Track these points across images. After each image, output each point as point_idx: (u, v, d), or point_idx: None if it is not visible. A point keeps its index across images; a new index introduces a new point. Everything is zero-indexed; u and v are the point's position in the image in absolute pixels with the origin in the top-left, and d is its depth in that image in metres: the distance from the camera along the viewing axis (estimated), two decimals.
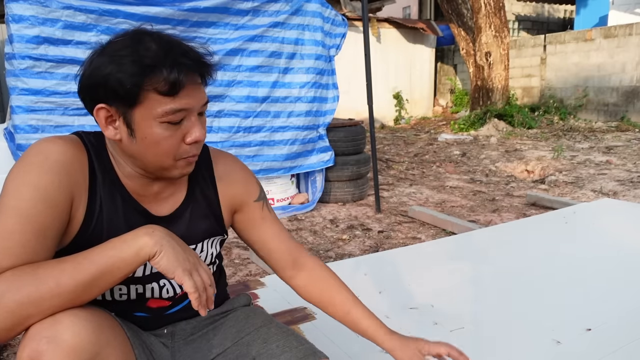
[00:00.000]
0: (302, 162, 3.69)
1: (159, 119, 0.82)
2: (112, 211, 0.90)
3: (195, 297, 0.77)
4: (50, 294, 0.72)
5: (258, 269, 2.55)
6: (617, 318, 1.69)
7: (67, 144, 0.86)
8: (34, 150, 0.84)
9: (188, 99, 0.83)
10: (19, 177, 0.80)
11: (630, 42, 8.47)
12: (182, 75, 0.80)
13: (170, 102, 0.81)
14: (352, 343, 1.50)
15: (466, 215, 3.55)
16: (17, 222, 0.76)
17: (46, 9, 2.67)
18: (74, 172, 0.85)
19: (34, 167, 0.81)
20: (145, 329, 1.00)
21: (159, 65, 0.79)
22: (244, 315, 1.10)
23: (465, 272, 2.14)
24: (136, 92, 0.80)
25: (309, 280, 1.11)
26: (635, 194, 4.03)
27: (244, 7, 3.30)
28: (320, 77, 3.71)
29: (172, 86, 0.80)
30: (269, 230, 1.10)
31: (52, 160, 0.82)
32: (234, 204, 1.07)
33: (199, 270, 0.80)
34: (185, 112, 0.84)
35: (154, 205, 0.96)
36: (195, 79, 0.84)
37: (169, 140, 0.84)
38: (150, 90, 0.80)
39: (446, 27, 10.24)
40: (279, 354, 0.97)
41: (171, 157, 0.86)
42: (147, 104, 0.81)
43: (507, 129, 8.17)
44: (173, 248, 0.79)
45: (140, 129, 0.83)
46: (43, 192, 0.79)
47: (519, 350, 1.50)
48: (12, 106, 2.72)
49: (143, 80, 0.79)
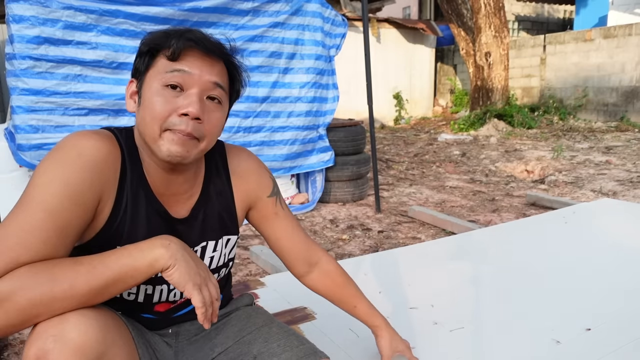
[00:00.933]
0: (302, 162, 3.69)
1: (160, 81, 0.85)
2: (135, 212, 0.90)
3: (202, 311, 0.79)
4: (63, 296, 0.72)
5: (258, 269, 2.55)
6: (616, 318, 1.69)
7: (102, 140, 0.86)
8: (69, 145, 0.83)
9: (191, 66, 0.86)
10: (49, 171, 0.79)
11: (630, 42, 8.47)
12: (185, 42, 0.85)
13: (172, 64, 0.86)
14: (352, 343, 1.51)
15: (466, 215, 3.55)
16: (42, 218, 0.76)
17: (46, 9, 2.67)
18: (106, 170, 0.85)
19: (66, 163, 0.80)
20: (150, 329, 1.00)
21: (172, 35, 0.86)
22: (245, 314, 1.11)
23: (465, 272, 2.15)
24: (150, 57, 0.88)
25: (319, 279, 1.19)
26: (635, 194, 4.03)
27: (244, 8, 3.30)
28: (320, 77, 3.71)
29: (174, 51, 0.85)
30: (282, 227, 1.12)
31: (85, 157, 0.82)
32: (249, 199, 1.08)
33: (208, 284, 0.82)
34: (184, 77, 0.85)
35: (173, 204, 0.96)
36: (203, 50, 0.86)
37: (162, 104, 0.84)
38: (161, 55, 0.87)
39: (446, 27, 10.25)
40: (279, 352, 0.98)
41: (159, 123, 0.84)
42: (156, 67, 0.87)
43: (507, 129, 8.17)
44: (186, 262, 0.80)
45: (145, 92, 0.87)
46: (72, 190, 0.79)
47: (519, 350, 1.50)
48: (12, 106, 2.72)
49: (158, 46, 0.87)
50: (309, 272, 1.18)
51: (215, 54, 0.88)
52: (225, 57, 0.91)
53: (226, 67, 0.92)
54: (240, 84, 0.97)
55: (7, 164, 2.83)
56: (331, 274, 1.20)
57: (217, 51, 0.88)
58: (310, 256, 1.17)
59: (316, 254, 1.18)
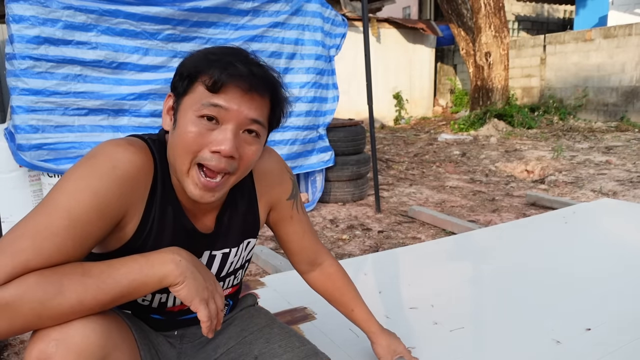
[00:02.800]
0: (303, 162, 3.69)
1: (196, 112, 0.81)
2: (162, 227, 0.89)
3: (206, 325, 0.79)
4: (71, 310, 0.72)
5: (258, 268, 2.55)
6: (617, 318, 1.69)
7: (138, 154, 0.83)
8: (104, 155, 0.81)
9: (229, 101, 0.81)
10: (80, 179, 0.77)
11: (630, 42, 8.47)
12: (227, 75, 0.80)
13: (210, 97, 0.81)
14: (352, 343, 1.51)
15: (466, 215, 3.55)
16: (63, 225, 0.74)
17: (46, 9, 2.67)
18: (138, 185, 0.83)
19: (99, 174, 0.78)
20: (157, 330, 1.00)
21: (217, 62, 0.81)
22: (248, 315, 1.11)
23: (465, 272, 2.15)
24: (189, 82, 0.82)
25: (320, 279, 1.22)
26: (635, 194, 4.03)
27: (244, 7, 3.30)
28: (320, 77, 3.71)
29: (215, 82, 0.80)
30: (294, 230, 1.13)
31: (120, 170, 0.80)
32: (271, 201, 1.07)
33: (215, 297, 0.82)
34: (221, 112, 0.80)
35: (200, 217, 0.94)
36: (245, 85, 0.81)
37: (194, 136, 0.80)
38: (200, 83, 0.81)
39: (446, 27, 10.25)
40: (281, 353, 0.98)
41: (190, 157, 0.81)
42: (193, 95, 0.82)
43: (506, 129, 8.17)
44: (195, 279, 0.80)
45: (181, 117, 0.83)
46: (101, 202, 0.77)
47: (519, 350, 1.50)
48: (12, 106, 2.72)
49: (199, 72, 0.81)
50: (311, 271, 1.22)
51: (258, 91, 0.83)
52: (269, 92, 0.86)
53: (269, 100, 0.87)
54: (281, 113, 0.92)
55: (7, 164, 2.83)
56: (332, 277, 1.22)
57: (261, 87, 0.83)
58: (315, 258, 1.20)
59: (321, 257, 1.21)
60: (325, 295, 1.24)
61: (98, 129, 2.90)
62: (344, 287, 1.23)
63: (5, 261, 0.69)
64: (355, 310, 1.24)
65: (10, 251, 0.70)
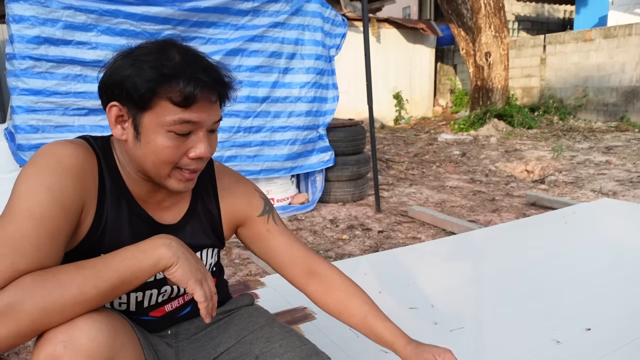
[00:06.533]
0: (303, 162, 3.69)
1: (166, 127, 0.82)
2: (118, 218, 0.90)
3: (204, 305, 0.80)
4: (74, 302, 0.72)
5: (258, 269, 2.55)
6: (617, 318, 1.69)
7: (79, 148, 0.86)
8: (47, 154, 0.82)
9: (199, 113, 0.82)
10: (32, 179, 0.78)
11: (630, 42, 8.47)
12: (198, 90, 0.80)
13: (180, 113, 0.81)
14: (352, 343, 1.51)
15: (466, 215, 3.55)
16: (31, 225, 0.74)
17: (46, 9, 2.67)
18: (86, 177, 0.85)
19: (47, 170, 0.79)
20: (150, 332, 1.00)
21: (177, 76, 0.79)
22: (247, 314, 1.11)
23: (465, 272, 2.15)
24: (149, 98, 0.80)
25: (322, 290, 1.07)
26: (635, 194, 4.03)
27: (244, 7, 3.30)
28: (320, 77, 3.71)
29: (185, 98, 0.80)
30: (278, 243, 1.07)
31: (65, 163, 0.82)
32: (237, 218, 1.06)
33: (207, 280, 0.84)
34: (193, 126, 0.83)
35: (157, 212, 0.96)
36: (211, 96, 0.84)
37: (171, 151, 0.83)
38: (164, 98, 0.80)
39: (446, 27, 10.24)
40: (282, 353, 0.98)
41: (169, 166, 0.85)
42: (157, 110, 0.81)
43: (507, 129, 8.17)
44: (187, 260, 0.81)
45: (147, 133, 0.83)
46: (58, 195, 0.78)
47: (519, 350, 1.50)
48: (12, 106, 2.72)
49: (158, 88, 0.79)
50: (310, 283, 1.08)
51: (222, 98, 0.88)
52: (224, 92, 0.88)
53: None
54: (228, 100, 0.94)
55: (7, 164, 2.83)
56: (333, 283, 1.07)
57: (224, 93, 0.87)
58: (309, 266, 1.08)
59: (316, 265, 1.09)
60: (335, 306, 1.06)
61: (98, 129, 2.90)
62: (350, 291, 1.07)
63: None
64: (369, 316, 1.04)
65: None
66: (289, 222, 3.44)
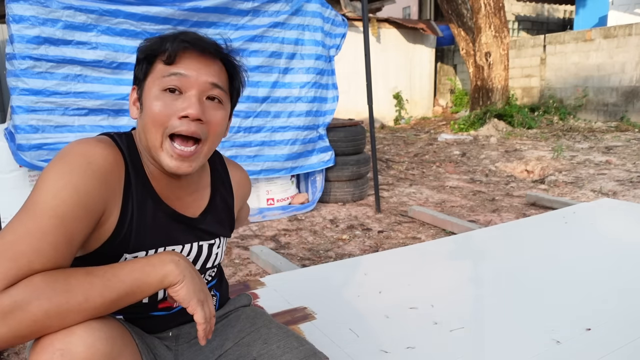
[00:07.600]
0: (303, 162, 3.69)
1: (158, 85, 0.87)
2: (143, 216, 0.90)
3: (203, 327, 0.81)
4: (78, 308, 0.71)
5: (258, 269, 2.55)
6: (617, 318, 1.69)
7: (107, 148, 0.85)
8: (77, 152, 0.82)
9: (187, 68, 0.87)
10: (60, 178, 0.78)
11: (630, 42, 8.47)
12: (183, 45, 0.86)
13: (168, 68, 0.87)
14: (352, 343, 1.51)
15: (466, 215, 3.55)
16: (53, 224, 0.74)
17: (46, 9, 2.67)
18: (113, 179, 0.85)
19: (76, 170, 0.79)
20: (151, 332, 1.00)
21: (167, 40, 0.88)
22: (244, 315, 1.11)
23: (465, 272, 2.15)
24: (148, 63, 0.89)
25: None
26: (635, 194, 4.03)
27: (244, 7, 3.30)
28: (320, 77, 3.71)
29: (169, 55, 0.86)
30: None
31: (95, 165, 0.81)
32: (239, 206, 1.15)
33: (208, 301, 0.84)
34: (183, 80, 0.86)
35: (180, 208, 0.97)
36: (198, 51, 0.87)
37: (161, 108, 0.85)
38: (158, 61, 0.88)
39: (446, 27, 10.25)
40: (279, 354, 0.97)
41: (160, 128, 0.86)
42: (154, 73, 0.88)
43: (507, 129, 8.17)
44: (192, 279, 0.82)
45: (146, 100, 0.88)
46: (84, 197, 0.78)
47: (519, 350, 1.50)
48: (12, 106, 2.72)
49: (154, 52, 0.88)
50: None
51: (211, 54, 0.89)
52: (221, 56, 0.92)
53: (224, 67, 0.93)
54: (239, 83, 0.97)
55: (7, 164, 2.83)
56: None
57: (212, 51, 0.89)
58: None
59: None
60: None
61: (98, 129, 2.90)
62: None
63: (8, 265, 0.68)
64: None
65: (9, 256, 0.69)
66: (289, 222, 3.44)
